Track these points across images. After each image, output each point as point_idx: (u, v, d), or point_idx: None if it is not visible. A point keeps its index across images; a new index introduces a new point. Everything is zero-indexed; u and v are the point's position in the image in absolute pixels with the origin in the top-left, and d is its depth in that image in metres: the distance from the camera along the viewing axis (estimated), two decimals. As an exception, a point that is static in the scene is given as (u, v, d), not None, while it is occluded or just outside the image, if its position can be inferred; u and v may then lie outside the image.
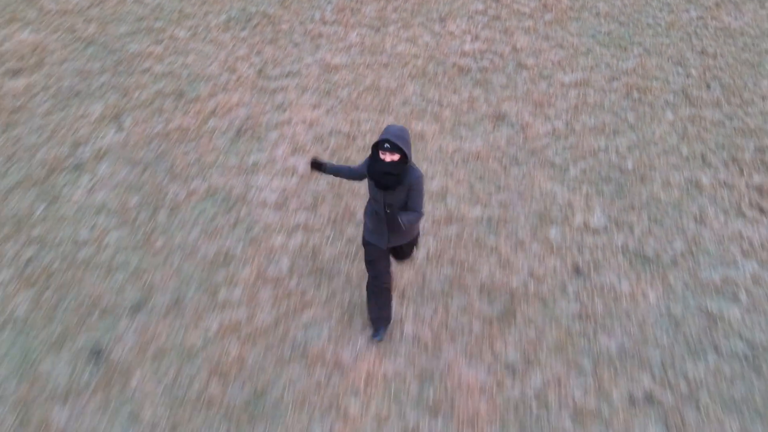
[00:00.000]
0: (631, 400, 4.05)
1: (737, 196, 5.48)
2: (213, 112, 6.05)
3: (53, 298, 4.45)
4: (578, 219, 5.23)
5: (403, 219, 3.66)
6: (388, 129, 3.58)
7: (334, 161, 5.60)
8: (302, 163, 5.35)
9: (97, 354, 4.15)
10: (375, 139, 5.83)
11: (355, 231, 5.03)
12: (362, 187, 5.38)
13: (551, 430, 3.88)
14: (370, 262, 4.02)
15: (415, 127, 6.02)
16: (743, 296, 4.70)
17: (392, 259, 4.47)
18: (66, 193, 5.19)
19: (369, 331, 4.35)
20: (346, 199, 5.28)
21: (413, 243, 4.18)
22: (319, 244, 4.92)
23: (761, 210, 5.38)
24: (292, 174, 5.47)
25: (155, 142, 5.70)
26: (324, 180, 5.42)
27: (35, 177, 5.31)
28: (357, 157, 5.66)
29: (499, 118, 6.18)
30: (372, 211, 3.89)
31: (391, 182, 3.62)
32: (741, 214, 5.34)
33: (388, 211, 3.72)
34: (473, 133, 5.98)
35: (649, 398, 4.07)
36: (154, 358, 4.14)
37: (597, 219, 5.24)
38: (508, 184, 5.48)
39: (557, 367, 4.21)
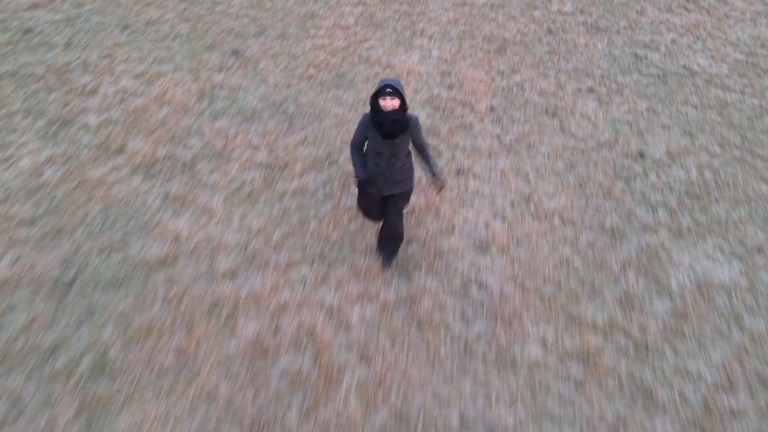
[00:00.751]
0: (578, 90, 6.31)
1: (671, 1, 7.69)
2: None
3: (203, 27, 6.82)
4: (554, 7, 7.48)
5: (435, 163, 3.97)
6: (384, 80, 3.69)
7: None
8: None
9: (236, 53, 6.49)
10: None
11: (398, 6, 7.33)
12: (403, -17, 7.67)
13: (524, 98, 6.16)
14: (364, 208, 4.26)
15: (441, -43, 8.30)
16: (663, 48, 6.93)
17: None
18: (201, -21, 7.56)
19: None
20: (392, -9, 7.59)
21: (405, 197, 4.20)
22: (374, 12, 7.22)
23: (686, 9, 7.59)
24: (354, -24, 7.79)
25: (257, -44, 8.05)
26: (377, -21, 7.73)
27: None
28: (399, -28, 7.94)
29: (503, -46, 8.44)
30: (372, 164, 3.96)
31: (399, 128, 3.69)
32: (670, 10, 7.55)
33: (392, 159, 3.85)
34: (483, -39, 8.26)
35: (590, 90, 6.32)
36: (272, 57, 6.48)
37: (567, 8, 7.49)
38: (506, -11, 7.75)
39: (532, 73, 6.48)
